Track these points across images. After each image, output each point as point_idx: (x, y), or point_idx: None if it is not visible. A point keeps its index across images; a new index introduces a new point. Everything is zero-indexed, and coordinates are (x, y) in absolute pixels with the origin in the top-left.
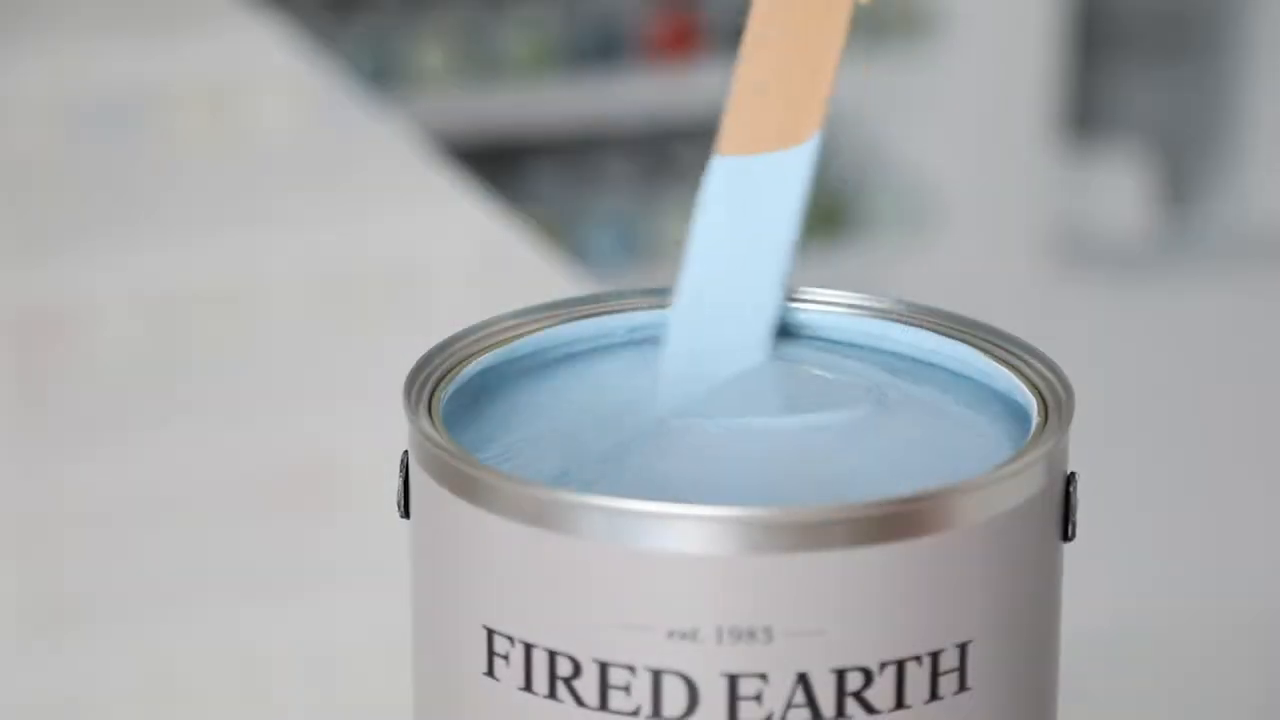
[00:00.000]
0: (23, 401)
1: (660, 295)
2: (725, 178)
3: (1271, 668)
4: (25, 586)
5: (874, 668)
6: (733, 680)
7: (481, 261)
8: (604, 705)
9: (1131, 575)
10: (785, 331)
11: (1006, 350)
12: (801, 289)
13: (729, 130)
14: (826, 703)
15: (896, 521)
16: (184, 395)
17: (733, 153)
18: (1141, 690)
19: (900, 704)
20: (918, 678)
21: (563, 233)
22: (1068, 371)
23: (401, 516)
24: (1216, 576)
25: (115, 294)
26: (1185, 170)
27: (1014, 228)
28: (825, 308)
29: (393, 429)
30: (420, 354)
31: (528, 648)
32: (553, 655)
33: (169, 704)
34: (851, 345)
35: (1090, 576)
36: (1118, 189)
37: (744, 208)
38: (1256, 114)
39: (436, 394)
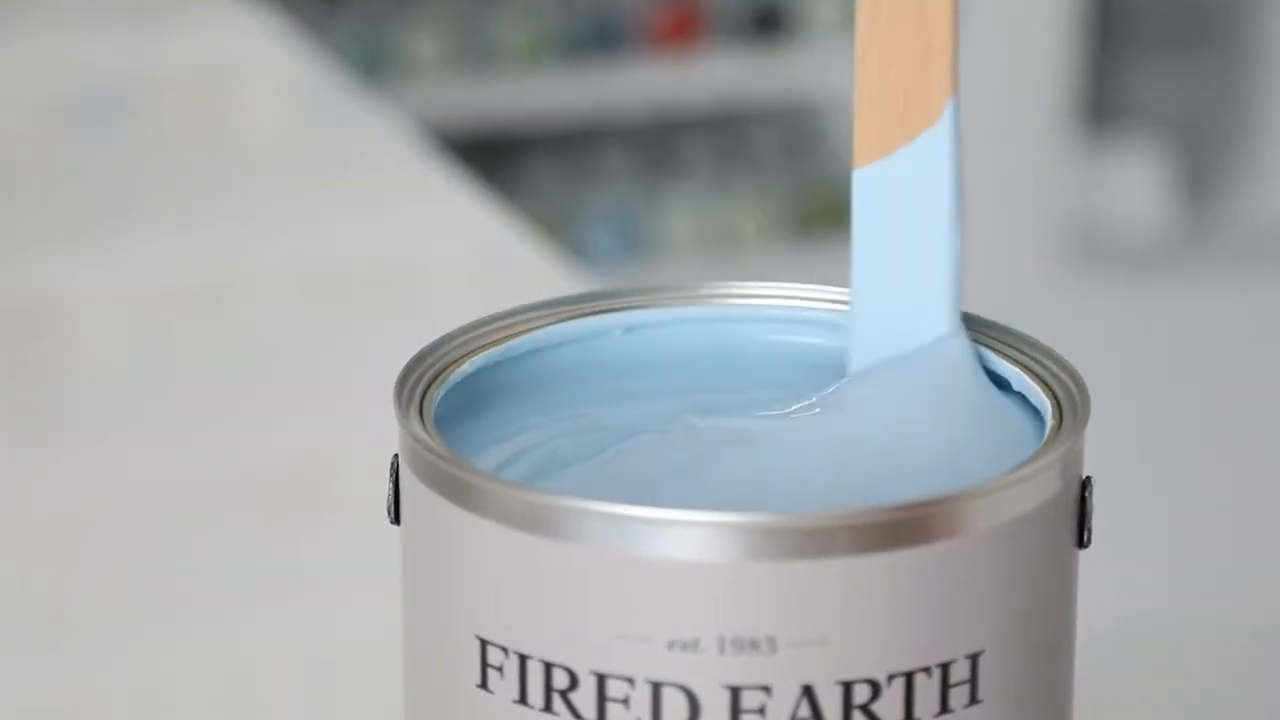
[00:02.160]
0: (3, 401)
1: (657, 293)
2: (868, 189)
3: None
4: (11, 589)
5: (881, 679)
6: (735, 692)
7: (477, 258)
8: (602, 719)
9: (1149, 582)
10: (789, 331)
11: (1019, 350)
12: (809, 287)
13: (860, 139)
14: (832, 716)
15: (904, 527)
16: (171, 396)
17: (869, 162)
18: (1158, 699)
19: (909, 717)
20: (927, 690)
21: (560, 228)
22: (1083, 372)
23: (392, 522)
24: (1237, 582)
25: (100, 291)
26: (1204, 164)
27: (1027, 223)
28: (834, 306)
29: (386, 431)
30: (412, 354)
31: (522, 659)
32: (548, 667)
33: (157, 708)
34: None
35: (1106, 584)
36: (1134, 183)
37: (896, 213)
38: (1278, 106)
39: (428, 395)
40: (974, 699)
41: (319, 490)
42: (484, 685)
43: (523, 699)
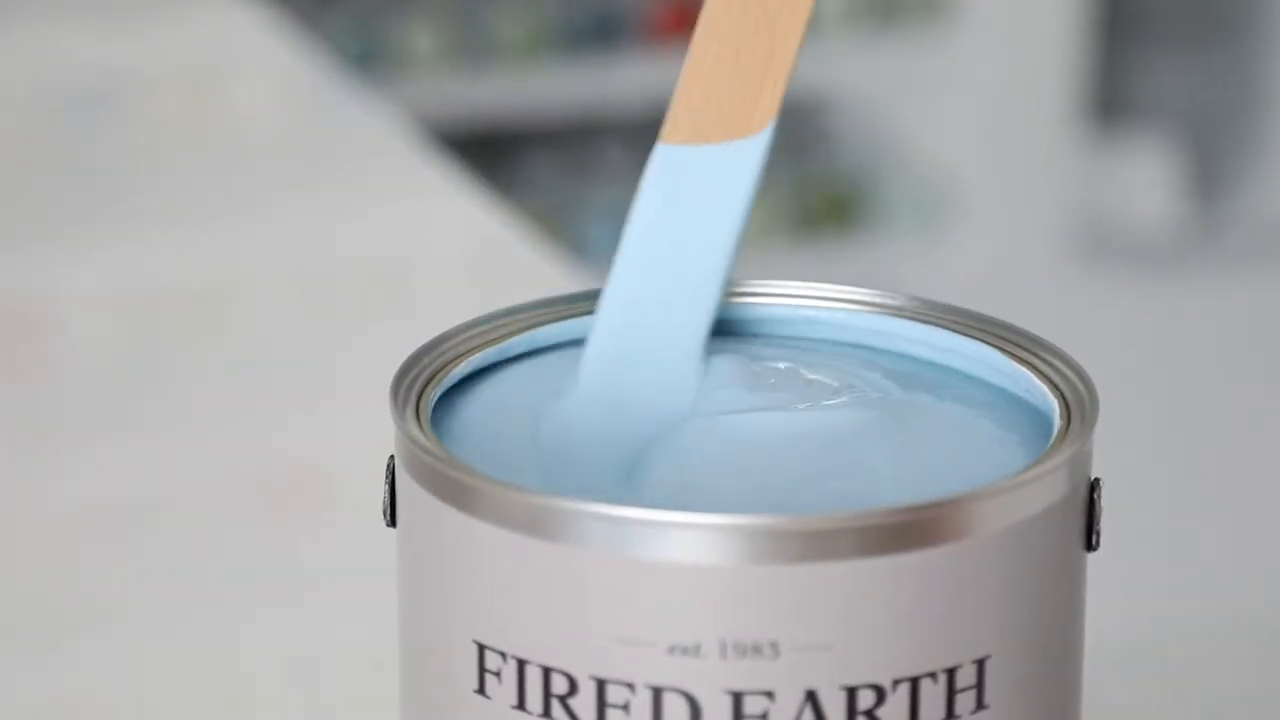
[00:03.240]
0: (2, 401)
1: None
2: (667, 167)
3: None
4: (11, 589)
5: (886, 685)
6: (737, 698)
7: (474, 256)
8: None
9: (1159, 585)
10: (792, 330)
11: (1027, 350)
12: (812, 285)
13: (675, 117)
14: None
15: (909, 530)
16: (163, 398)
17: (677, 141)
18: (1168, 703)
19: None
20: (933, 695)
21: (559, 225)
22: (1091, 372)
23: (388, 525)
24: (1249, 585)
25: (90, 291)
26: (1215, 160)
27: (1035, 220)
28: (837, 305)
29: (382, 432)
30: (408, 354)
31: (521, 664)
32: (547, 672)
33: (157, 708)
34: (864, 344)
35: (1115, 587)
36: (1144, 179)
37: (684, 201)
38: None
39: (424, 396)
40: (980, 704)
41: (318, 490)
42: (481, 691)
43: (521, 704)
